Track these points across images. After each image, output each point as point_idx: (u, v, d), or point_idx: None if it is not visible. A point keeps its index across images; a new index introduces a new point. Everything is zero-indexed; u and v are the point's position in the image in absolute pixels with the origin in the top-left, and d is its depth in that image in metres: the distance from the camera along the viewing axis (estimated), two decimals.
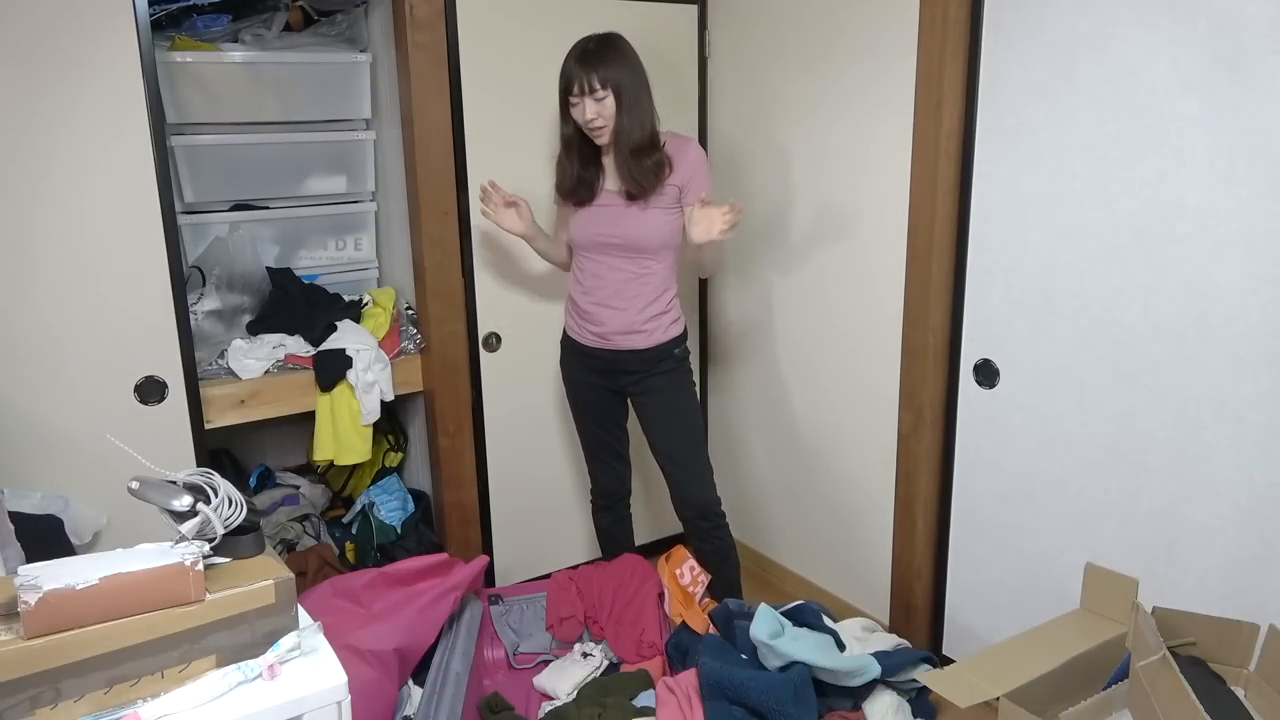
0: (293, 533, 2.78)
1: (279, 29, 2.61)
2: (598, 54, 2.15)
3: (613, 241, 2.26)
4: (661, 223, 2.26)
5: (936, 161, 2.16)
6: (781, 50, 2.58)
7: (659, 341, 2.31)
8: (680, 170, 2.24)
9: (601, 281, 2.30)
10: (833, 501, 2.69)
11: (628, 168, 2.20)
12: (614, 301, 2.29)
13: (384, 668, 1.93)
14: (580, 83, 2.14)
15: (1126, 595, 1.88)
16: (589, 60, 2.14)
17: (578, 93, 2.15)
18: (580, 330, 2.38)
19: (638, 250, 2.26)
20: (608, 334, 2.32)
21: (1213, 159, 1.71)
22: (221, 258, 2.57)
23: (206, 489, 1.21)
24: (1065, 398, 2.04)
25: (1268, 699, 1.62)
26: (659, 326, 2.31)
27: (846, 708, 2.05)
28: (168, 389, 2.18)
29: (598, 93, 2.14)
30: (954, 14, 2.08)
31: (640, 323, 2.29)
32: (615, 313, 2.30)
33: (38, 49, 1.92)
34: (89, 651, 1.07)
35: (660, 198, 2.24)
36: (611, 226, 2.26)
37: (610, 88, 2.14)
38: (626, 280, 2.28)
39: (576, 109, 2.18)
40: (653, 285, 2.29)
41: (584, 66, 2.14)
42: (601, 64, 2.13)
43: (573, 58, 2.17)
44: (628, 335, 2.30)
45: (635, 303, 2.28)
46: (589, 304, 2.33)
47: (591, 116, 2.16)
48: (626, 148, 2.19)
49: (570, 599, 2.50)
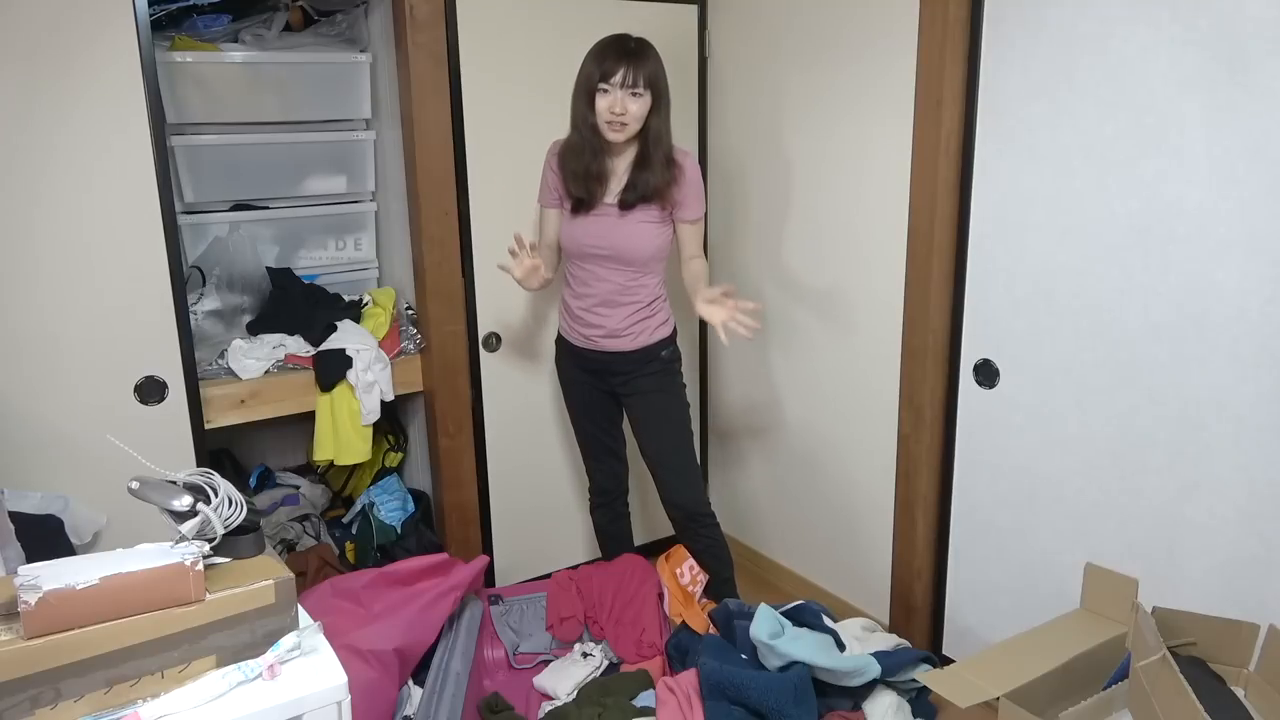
0: (293, 533, 2.78)
1: (279, 29, 2.61)
2: (642, 53, 2.14)
3: (602, 252, 2.26)
4: (653, 235, 2.26)
5: (936, 161, 2.16)
6: (781, 50, 2.58)
7: (645, 344, 2.32)
8: (679, 185, 2.24)
9: (590, 289, 2.31)
10: (833, 501, 2.69)
11: (656, 173, 2.19)
12: (602, 309, 2.30)
13: (384, 668, 1.93)
14: (625, 74, 2.10)
15: (1126, 595, 1.88)
16: (634, 56, 2.12)
17: (617, 82, 2.11)
18: (571, 331, 2.39)
19: (627, 262, 2.26)
20: (595, 337, 2.33)
21: (1213, 159, 1.71)
22: (221, 258, 2.57)
23: (206, 489, 1.21)
24: (1065, 398, 2.04)
25: (1268, 699, 1.62)
26: (645, 330, 2.31)
27: (846, 708, 2.05)
28: (168, 389, 2.18)
29: (638, 89, 2.12)
30: (954, 14, 2.08)
31: (625, 328, 2.30)
32: (603, 318, 2.30)
33: (38, 49, 1.92)
34: (89, 651, 1.07)
35: (651, 209, 2.24)
36: (602, 238, 2.25)
37: (649, 88, 2.13)
38: (614, 291, 2.28)
39: (607, 97, 2.13)
40: (642, 295, 2.30)
41: (630, 60, 2.11)
42: (646, 63, 2.13)
43: (614, 48, 2.13)
44: (614, 339, 2.31)
45: (622, 310, 2.29)
46: (579, 308, 2.33)
47: (621, 111, 2.13)
48: (661, 153, 2.19)
49: (570, 599, 2.50)
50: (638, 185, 2.20)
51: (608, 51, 2.14)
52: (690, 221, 2.29)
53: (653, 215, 2.25)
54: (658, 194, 2.22)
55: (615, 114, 2.13)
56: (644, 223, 2.25)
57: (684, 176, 2.25)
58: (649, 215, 2.25)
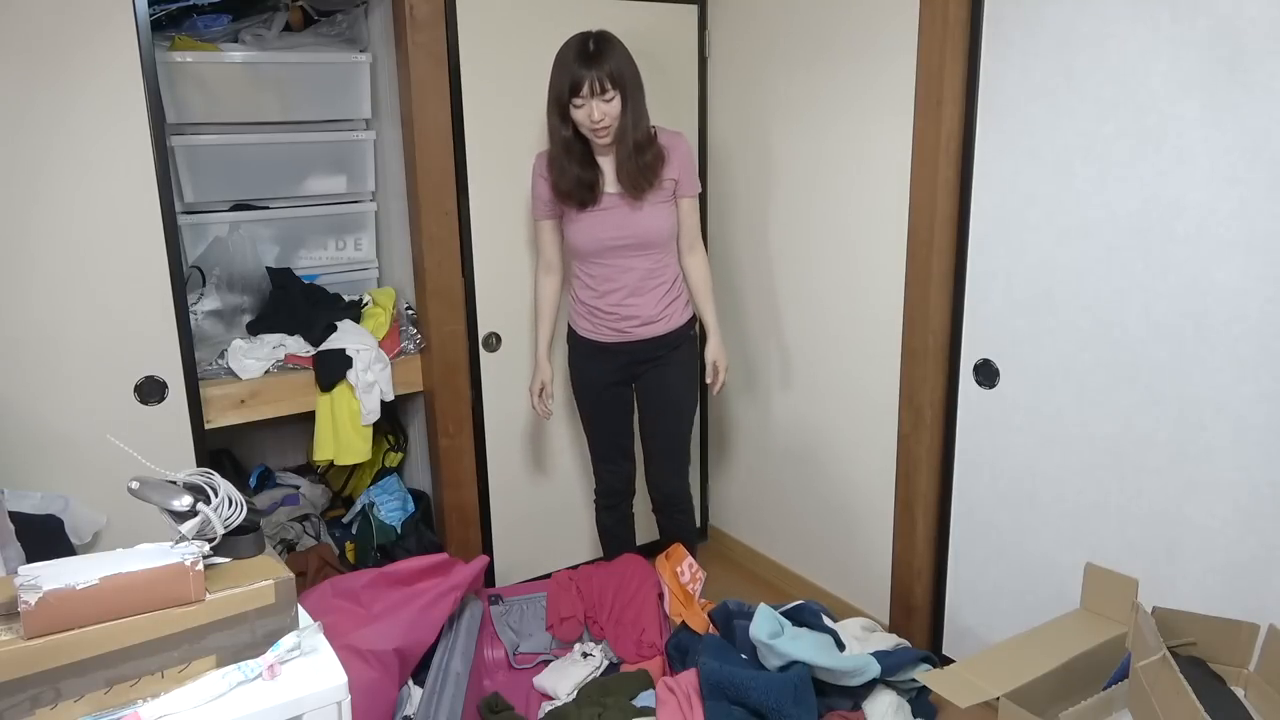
0: (293, 533, 2.78)
1: (279, 29, 2.61)
2: (601, 53, 2.12)
3: (624, 242, 2.28)
4: (665, 215, 2.31)
5: (936, 161, 2.16)
6: (781, 50, 2.58)
7: (677, 325, 2.38)
8: (673, 163, 2.28)
9: (616, 284, 2.32)
10: (833, 501, 2.69)
11: (631, 165, 2.21)
12: (633, 299, 2.32)
13: (384, 668, 1.93)
14: (591, 83, 2.10)
15: (1126, 595, 1.88)
16: (595, 60, 2.11)
17: (586, 94, 2.11)
18: (596, 329, 2.38)
19: (649, 246, 2.30)
20: (629, 328, 2.35)
21: (1213, 159, 1.71)
22: (221, 258, 2.57)
23: (206, 489, 1.21)
24: (1065, 398, 2.04)
25: (1268, 699, 1.62)
26: (675, 311, 2.38)
27: (846, 707, 2.05)
28: (168, 389, 2.18)
29: (607, 93, 2.12)
30: (954, 14, 2.08)
31: (659, 313, 2.35)
32: (635, 308, 2.33)
33: (37, 49, 1.92)
34: (89, 651, 1.07)
35: (658, 192, 2.27)
36: (620, 228, 2.27)
37: (617, 86, 2.13)
38: (642, 277, 2.31)
39: (582, 110, 2.14)
40: (666, 276, 2.35)
41: (591, 66, 2.10)
42: (606, 62, 2.11)
43: (575, 59, 2.12)
44: (649, 325, 2.35)
45: (653, 295, 2.33)
46: (608, 305, 2.34)
47: (599, 118, 2.13)
48: (630, 145, 2.19)
49: (570, 599, 2.50)
50: (632, 170, 2.22)
51: (570, 64, 2.13)
52: (689, 197, 2.34)
53: (659, 195, 2.28)
54: (649, 172, 2.24)
55: (595, 122, 2.15)
56: (656, 204, 2.28)
57: (678, 153, 2.29)
58: (657, 197, 2.28)
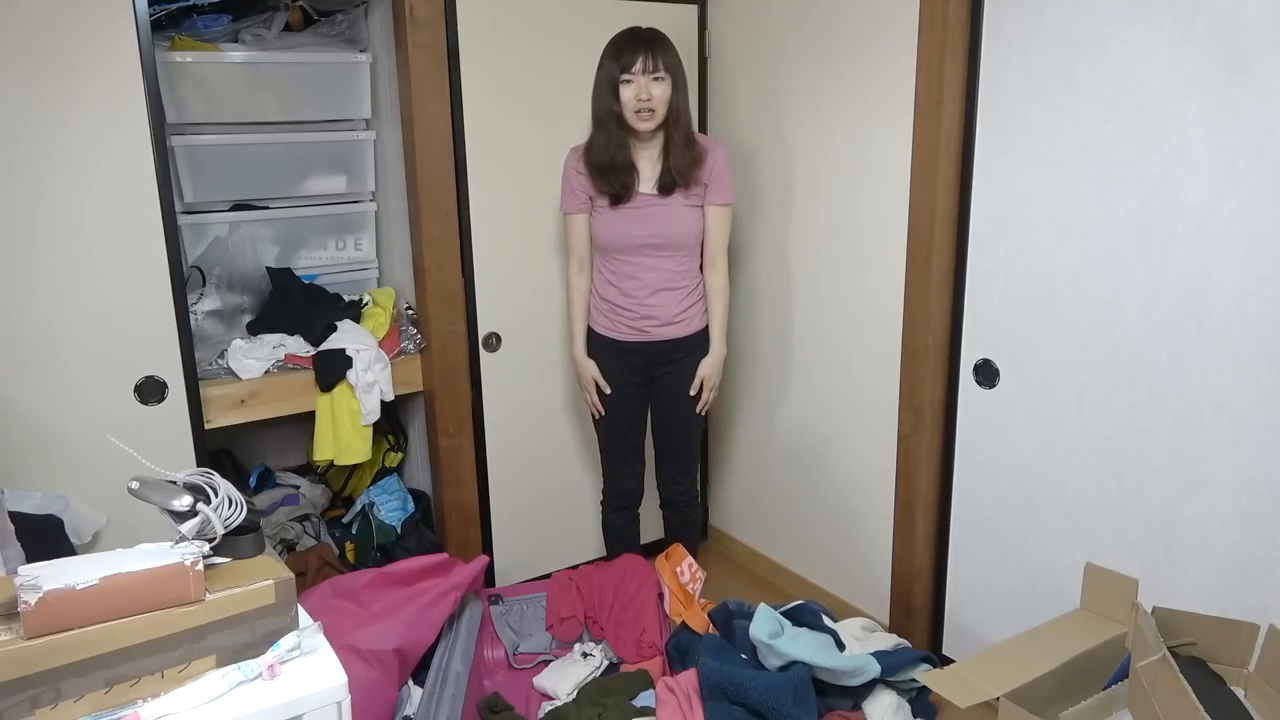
0: (293, 533, 2.78)
1: (279, 29, 2.61)
2: (656, 40, 2.20)
3: (652, 241, 2.29)
4: (695, 217, 2.32)
5: (936, 161, 2.16)
6: (781, 50, 2.58)
7: (696, 329, 2.39)
8: (708, 167, 2.29)
9: (640, 282, 2.32)
10: (833, 501, 2.69)
11: (678, 154, 2.23)
12: (655, 299, 2.33)
13: (384, 668, 1.93)
14: (645, 60, 2.16)
15: (1126, 595, 1.88)
16: (650, 43, 2.18)
17: (638, 69, 2.16)
18: (615, 327, 2.39)
19: (676, 247, 2.31)
20: (649, 327, 2.35)
21: (1213, 159, 1.71)
22: (221, 258, 2.57)
23: (206, 489, 1.21)
24: (1065, 398, 2.04)
25: (1268, 699, 1.62)
26: (695, 314, 2.39)
27: (846, 707, 2.05)
28: (168, 389, 2.18)
29: (659, 73, 2.17)
30: (954, 14, 2.08)
31: (679, 314, 2.35)
32: (657, 308, 2.33)
33: (38, 49, 1.92)
34: (89, 651, 1.07)
35: (690, 195, 2.29)
36: (650, 227, 2.28)
37: (669, 73, 2.19)
38: (667, 278, 2.32)
39: (631, 86, 2.18)
40: (689, 280, 2.36)
41: (647, 46, 2.17)
42: (661, 49, 2.18)
43: (629, 38, 2.20)
44: (669, 326, 2.36)
45: (675, 295, 2.34)
46: (631, 303, 2.35)
47: (647, 96, 2.17)
48: (680, 133, 2.23)
49: (570, 599, 2.50)
50: (671, 167, 2.25)
51: (624, 44, 2.20)
52: (719, 205, 2.33)
53: (690, 198, 2.30)
54: (684, 174, 2.25)
55: (642, 100, 2.18)
56: (686, 206, 2.30)
57: (715, 157, 2.30)
58: (688, 199, 2.30)
